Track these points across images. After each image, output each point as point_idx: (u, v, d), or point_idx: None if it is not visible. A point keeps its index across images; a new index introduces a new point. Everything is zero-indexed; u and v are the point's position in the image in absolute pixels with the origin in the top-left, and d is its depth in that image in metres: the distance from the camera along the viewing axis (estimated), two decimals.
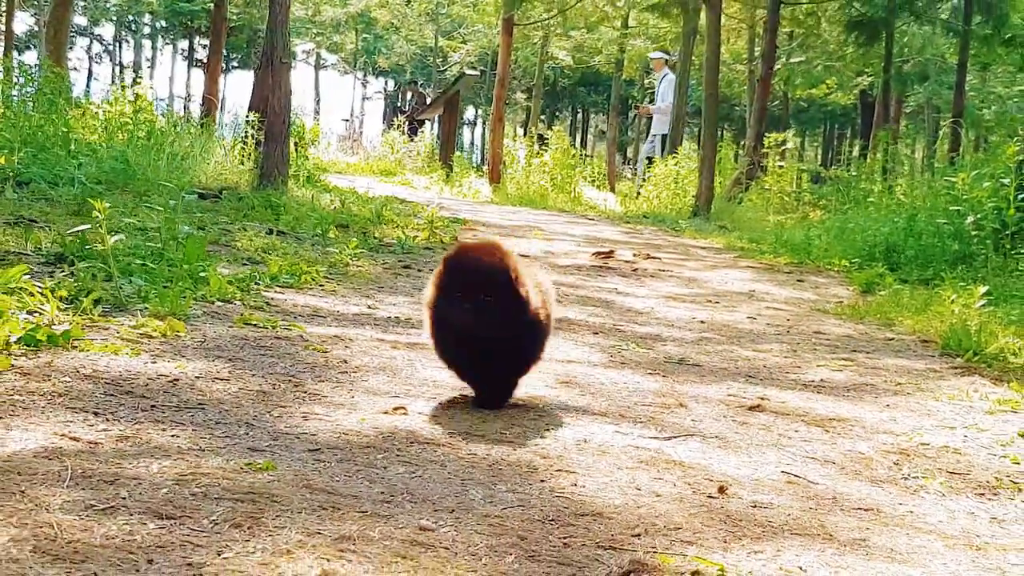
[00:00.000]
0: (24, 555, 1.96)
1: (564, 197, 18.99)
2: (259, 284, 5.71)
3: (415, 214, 11.44)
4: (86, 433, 2.75)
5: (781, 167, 18.77)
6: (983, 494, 3.20)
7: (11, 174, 8.41)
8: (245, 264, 6.47)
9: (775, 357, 5.37)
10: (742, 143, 23.54)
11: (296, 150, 12.98)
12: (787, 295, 8.02)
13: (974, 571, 2.53)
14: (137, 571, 1.96)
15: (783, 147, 18.69)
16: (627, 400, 4.05)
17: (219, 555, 2.07)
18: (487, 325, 3.34)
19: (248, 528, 2.21)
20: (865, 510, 2.92)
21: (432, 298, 3.51)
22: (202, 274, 5.36)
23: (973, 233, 8.93)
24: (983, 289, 6.82)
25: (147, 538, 2.11)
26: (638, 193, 18.95)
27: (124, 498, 2.30)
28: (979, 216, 8.85)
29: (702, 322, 6.46)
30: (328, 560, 2.10)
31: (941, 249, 9.16)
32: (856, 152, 22.57)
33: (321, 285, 6.14)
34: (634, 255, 9.81)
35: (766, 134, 17.82)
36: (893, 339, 6.09)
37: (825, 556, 2.50)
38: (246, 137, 12.79)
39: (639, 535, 2.49)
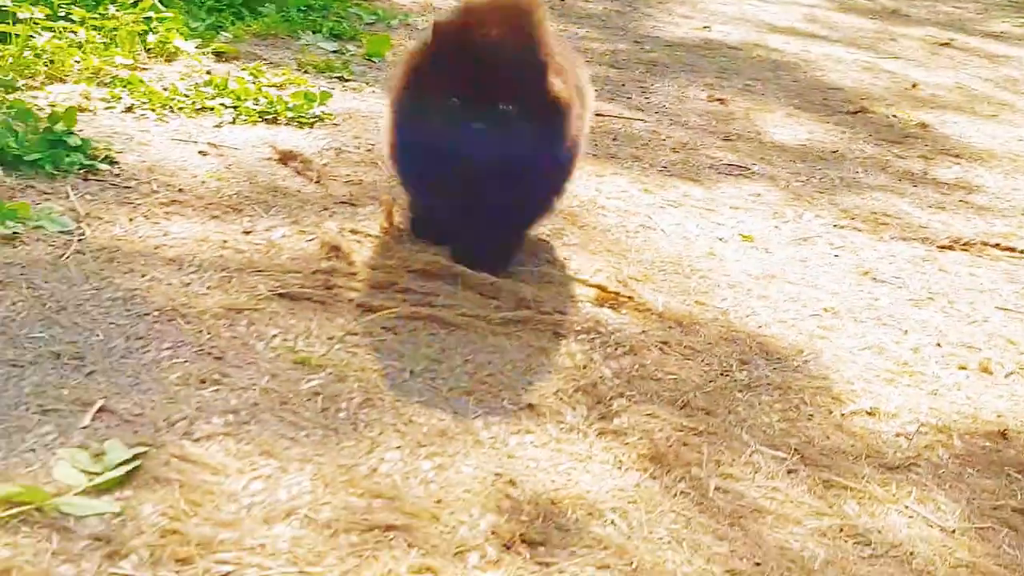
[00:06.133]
0: None
1: None
2: None
3: None
4: None
5: None
6: None
7: None
8: None
9: (970, 14, 6.98)
10: None
11: None
12: None
13: None
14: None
15: None
16: (855, 34, 5.86)
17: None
18: (504, 153, 2.07)
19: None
20: (1000, 104, 4.76)
21: (402, 93, 2.19)
22: None
23: None
24: None
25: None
26: None
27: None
28: None
29: None
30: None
31: None
32: None
33: None
34: None
35: None
36: None
37: (972, 123, 4.40)
38: None
39: (863, 99, 4.43)
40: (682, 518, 1.69)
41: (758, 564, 1.61)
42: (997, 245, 2.90)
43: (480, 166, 2.10)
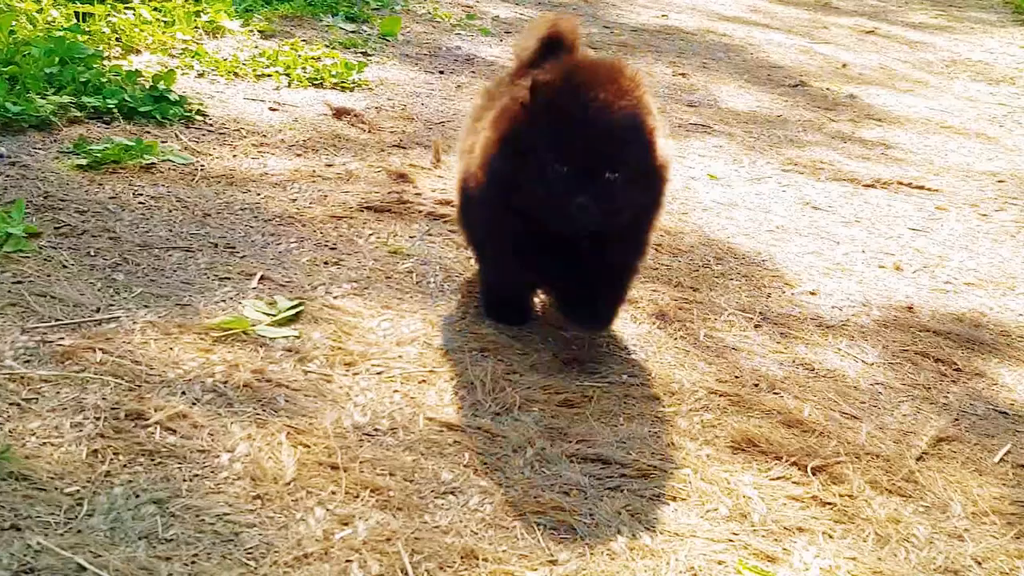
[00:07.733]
0: None
1: None
2: None
3: None
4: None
5: None
6: (991, 83, 5.78)
7: None
8: None
9: (892, 6, 7.80)
10: None
11: None
12: None
13: (969, 109, 5.17)
14: None
15: None
16: (792, 23, 6.63)
17: None
18: (609, 221, 2.04)
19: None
20: (917, 82, 5.56)
21: (488, 154, 2.09)
22: None
23: None
24: None
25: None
26: None
27: None
28: None
29: None
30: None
31: None
32: None
33: None
34: None
35: None
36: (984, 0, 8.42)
37: (893, 96, 5.17)
38: None
39: (801, 75, 5.18)
40: (682, 352, 2.38)
41: (737, 377, 2.31)
42: (910, 184, 3.65)
43: (585, 235, 2.06)
